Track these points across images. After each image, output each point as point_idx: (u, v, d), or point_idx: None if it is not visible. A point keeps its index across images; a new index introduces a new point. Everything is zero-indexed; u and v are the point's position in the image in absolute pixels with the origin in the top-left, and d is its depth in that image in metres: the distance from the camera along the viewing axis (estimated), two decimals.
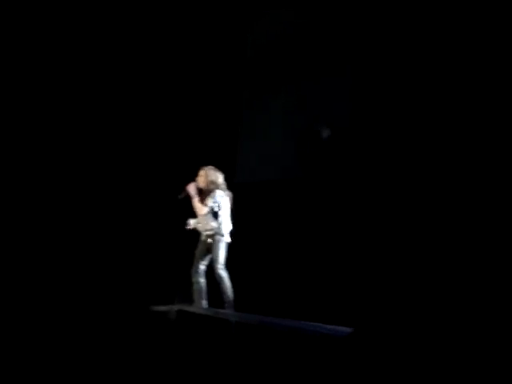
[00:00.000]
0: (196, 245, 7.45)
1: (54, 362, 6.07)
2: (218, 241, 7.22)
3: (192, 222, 7.40)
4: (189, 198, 7.36)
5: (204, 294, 7.34)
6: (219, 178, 7.41)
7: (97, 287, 8.27)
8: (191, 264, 7.39)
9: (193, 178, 7.49)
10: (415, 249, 6.93)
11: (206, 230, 7.31)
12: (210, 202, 7.29)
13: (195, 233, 7.46)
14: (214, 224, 7.26)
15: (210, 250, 7.29)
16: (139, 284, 8.18)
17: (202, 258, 7.34)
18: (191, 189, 7.33)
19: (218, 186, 7.35)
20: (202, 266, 7.35)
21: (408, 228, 7.08)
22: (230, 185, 7.54)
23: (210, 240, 7.28)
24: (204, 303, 7.30)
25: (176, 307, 7.27)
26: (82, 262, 8.61)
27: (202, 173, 7.43)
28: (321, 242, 7.89)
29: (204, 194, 7.37)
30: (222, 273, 7.17)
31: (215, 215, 7.28)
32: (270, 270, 8.20)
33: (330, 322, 6.16)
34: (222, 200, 7.31)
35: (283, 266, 8.10)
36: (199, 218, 7.34)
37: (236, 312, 7.04)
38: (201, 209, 7.27)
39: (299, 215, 8.23)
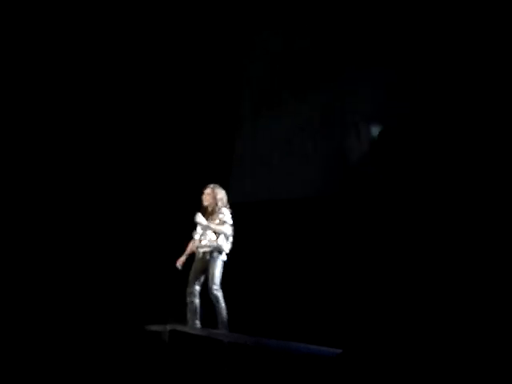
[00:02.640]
0: (191, 265, 7.42)
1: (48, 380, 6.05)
2: (216, 258, 7.16)
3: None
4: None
5: (198, 314, 7.28)
6: (225, 195, 7.40)
7: (90, 306, 8.23)
8: (186, 284, 7.35)
9: (188, 197, 7.49)
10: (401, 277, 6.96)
11: (205, 246, 7.25)
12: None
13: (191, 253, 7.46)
14: (214, 243, 7.21)
15: (205, 268, 7.22)
16: (133, 303, 8.14)
17: (197, 278, 7.27)
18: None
19: (224, 204, 7.33)
20: (197, 287, 7.28)
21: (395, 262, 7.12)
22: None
23: (207, 257, 7.23)
24: (198, 323, 7.25)
25: (169, 327, 7.25)
26: (76, 280, 8.58)
27: (208, 190, 7.37)
28: (313, 263, 7.89)
29: (207, 211, 7.34)
30: (217, 293, 7.10)
31: (216, 235, 7.23)
32: (265, 290, 8.17)
33: (322, 343, 6.12)
34: (229, 218, 7.29)
35: (278, 287, 8.08)
36: (203, 228, 7.30)
37: (230, 332, 7.00)
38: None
39: (293, 236, 8.24)
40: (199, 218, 7.27)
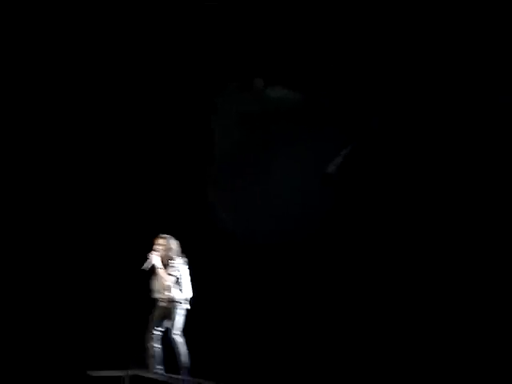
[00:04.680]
0: (151, 309, 7.53)
1: None
2: (177, 307, 7.33)
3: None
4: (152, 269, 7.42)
5: (160, 359, 7.39)
6: (178, 246, 7.58)
7: (47, 351, 8.23)
8: (146, 329, 7.46)
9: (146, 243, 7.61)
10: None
11: (166, 297, 7.41)
12: (173, 271, 7.40)
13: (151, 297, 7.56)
14: (174, 292, 7.38)
15: (167, 315, 7.37)
16: (93, 348, 8.18)
17: (158, 324, 7.41)
18: (155, 260, 7.41)
19: (177, 254, 7.52)
20: (158, 332, 7.42)
21: None
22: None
23: (168, 306, 7.38)
24: (160, 368, 7.35)
25: (131, 372, 7.34)
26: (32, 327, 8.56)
27: (161, 241, 7.53)
28: (276, 309, 8.18)
29: (162, 262, 7.51)
30: (179, 338, 7.28)
31: (176, 282, 7.41)
32: (227, 335, 8.37)
33: None
34: (183, 267, 7.48)
35: (239, 333, 8.29)
36: (159, 283, 7.44)
37: (192, 377, 7.14)
38: (167, 279, 7.35)
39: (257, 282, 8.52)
40: (155, 257, 7.43)
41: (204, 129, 9.39)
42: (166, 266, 7.42)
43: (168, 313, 7.36)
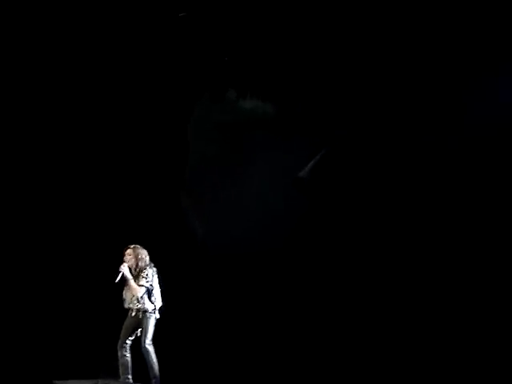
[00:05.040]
0: (122, 318, 7.56)
1: None
2: (149, 317, 7.37)
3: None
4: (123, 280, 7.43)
5: (129, 369, 7.42)
6: (147, 255, 7.60)
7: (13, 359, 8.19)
8: (117, 338, 7.49)
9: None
10: None
11: (137, 308, 7.44)
12: (144, 282, 7.42)
13: (123, 307, 7.58)
14: (145, 302, 7.41)
15: (138, 325, 7.41)
16: (63, 357, 8.16)
17: (129, 333, 7.45)
18: (126, 271, 7.41)
19: (147, 264, 7.55)
20: (129, 341, 7.45)
21: None
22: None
23: (139, 316, 7.41)
24: (130, 378, 7.38)
25: (101, 382, 7.36)
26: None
27: (129, 251, 7.54)
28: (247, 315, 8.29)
29: (132, 272, 7.52)
30: (149, 348, 7.33)
31: (147, 292, 7.43)
32: (197, 346, 8.42)
33: None
34: (153, 277, 7.51)
35: (210, 343, 8.35)
36: (129, 293, 7.46)
37: None
38: (138, 290, 7.36)
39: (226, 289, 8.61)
40: (125, 268, 7.45)
41: (178, 138, 9.43)
42: (136, 276, 7.46)
43: (139, 322, 7.40)
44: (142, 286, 7.38)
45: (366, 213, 8.51)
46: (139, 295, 7.36)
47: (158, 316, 7.44)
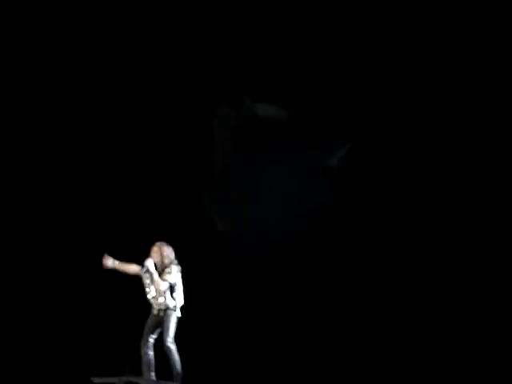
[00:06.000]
0: (146, 317, 7.63)
1: None
2: (170, 315, 7.43)
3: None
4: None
5: (152, 367, 7.50)
6: (173, 253, 7.67)
7: (43, 357, 8.31)
8: (141, 336, 7.57)
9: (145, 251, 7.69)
10: None
11: (159, 305, 7.51)
12: (168, 277, 7.48)
13: (146, 305, 7.65)
14: (167, 299, 7.47)
15: (160, 323, 7.48)
16: (89, 354, 8.26)
17: (151, 331, 7.52)
18: (151, 265, 7.51)
19: (172, 261, 7.61)
20: (151, 339, 7.52)
21: None
22: None
23: (161, 314, 7.48)
24: (153, 375, 7.46)
25: (125, 379, 7.44)
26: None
27: (155, 248, 7.62)
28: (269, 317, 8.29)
29: (157, 268, 7.59)
30: (171, 346, 7.39)
31: (170, 289, 7.49)
32: (220, 343, 8.46)
33: None
34: (178, 275, 7.57)
35: (232, 340, 8.38)
36: (153, 290, 7.53)
37: None
38: (161, 284, 7.44)
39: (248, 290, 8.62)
40: (150, 262, 7.53)
41: (202, 139, 9.50)
42: (160, 273, 7.52)
43: (161, 320, 7.48)
44: (166, 280, 7.46)
45: (394, 208, 8.49)
46: (162, 289, 7.43)
47: (179, 314, 7.50)
